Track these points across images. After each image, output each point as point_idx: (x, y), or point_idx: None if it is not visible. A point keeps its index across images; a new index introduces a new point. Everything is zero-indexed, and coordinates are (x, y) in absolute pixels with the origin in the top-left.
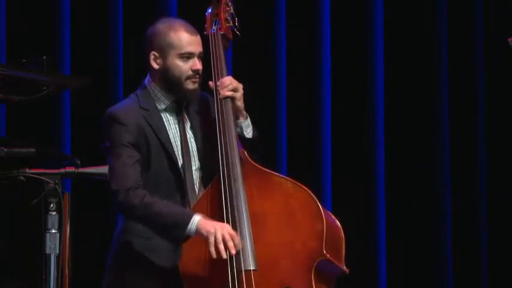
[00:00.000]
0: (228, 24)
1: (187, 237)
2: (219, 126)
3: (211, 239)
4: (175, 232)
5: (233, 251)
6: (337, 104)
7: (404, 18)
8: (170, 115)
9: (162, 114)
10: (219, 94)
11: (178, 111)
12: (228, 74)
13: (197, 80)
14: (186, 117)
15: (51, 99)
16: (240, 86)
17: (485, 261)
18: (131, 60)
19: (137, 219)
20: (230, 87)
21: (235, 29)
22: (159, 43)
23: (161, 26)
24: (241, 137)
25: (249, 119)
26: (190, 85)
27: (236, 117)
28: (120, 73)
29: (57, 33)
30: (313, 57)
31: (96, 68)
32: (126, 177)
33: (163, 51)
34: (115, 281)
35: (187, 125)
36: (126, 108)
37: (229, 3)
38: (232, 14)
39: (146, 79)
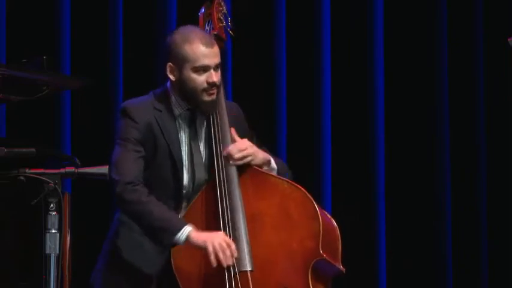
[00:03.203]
0: (221, 24)
1: (174, 244)
2: (213, 126)
3: (210, 249)
4: (163, 237)
5: (230, 261)
6: (337, 104)
7: (404, 18)
8: (183, 122)
9: (175, 119)
10: (230, 162)
11: (192, 119)
12: (223, 75)
13: (214, 92)
14: (200, 127)
15: (51, 99)
16: (250, 149)
17: (485, 261)
18: (131, 61)
19: (129, 214)
20: (239, 155)
21: (229, 29)
22: (175, 55)
23: (177, 37)
24: None
25: (272, 163)
26: (206, 97)
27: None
28: (120, 73)
29: (57, 33)
30: (313, 57)
31: (96, 68)
32: (128, 171)
33: (179, 63)
34: (105, 272)
35: (200, 135)
36: (140, 106)
37: (223, 3)
38: (225, 13)
39: (168, 82)
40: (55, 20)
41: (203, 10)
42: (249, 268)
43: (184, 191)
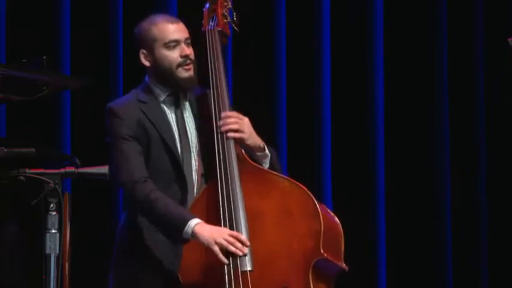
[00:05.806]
0: (225, 20)
1: (187, 240)
2: (216, 125)
3: (216, 248)
4: (174, 234)
5: (245, 250)
6: (337, 104)
7: (404, 18)
8: (168, 107)
9: (160, 106)
10: (223, 134)
11: (176, 103)
12: (225, 71)
13: (190, 66)
14: (185, 109)
15: (51, 99)
16: (245, 121)
17: (485, 261)
18: (131, 60)
19: (142, 213)
20: (232, 126)
21: (234, 25)
22: (145, 40)
23: (143, 24)
24: None
25: (266, 150)
26: (184, 73)
27: (253, 152)
28: (120, 73)
29: (57, 33)
30: (313, 57)
31: (96, 68)
32: (131, 170)
33: (150, 46)
34: (123, 275)
35: (187, 117)
36: (124, 103)
37: None
38: (230, 9)
39: (146, 76)
40: (55, 20)
41: (208, 5)
42: (249, 268)
43: (184, 173)
